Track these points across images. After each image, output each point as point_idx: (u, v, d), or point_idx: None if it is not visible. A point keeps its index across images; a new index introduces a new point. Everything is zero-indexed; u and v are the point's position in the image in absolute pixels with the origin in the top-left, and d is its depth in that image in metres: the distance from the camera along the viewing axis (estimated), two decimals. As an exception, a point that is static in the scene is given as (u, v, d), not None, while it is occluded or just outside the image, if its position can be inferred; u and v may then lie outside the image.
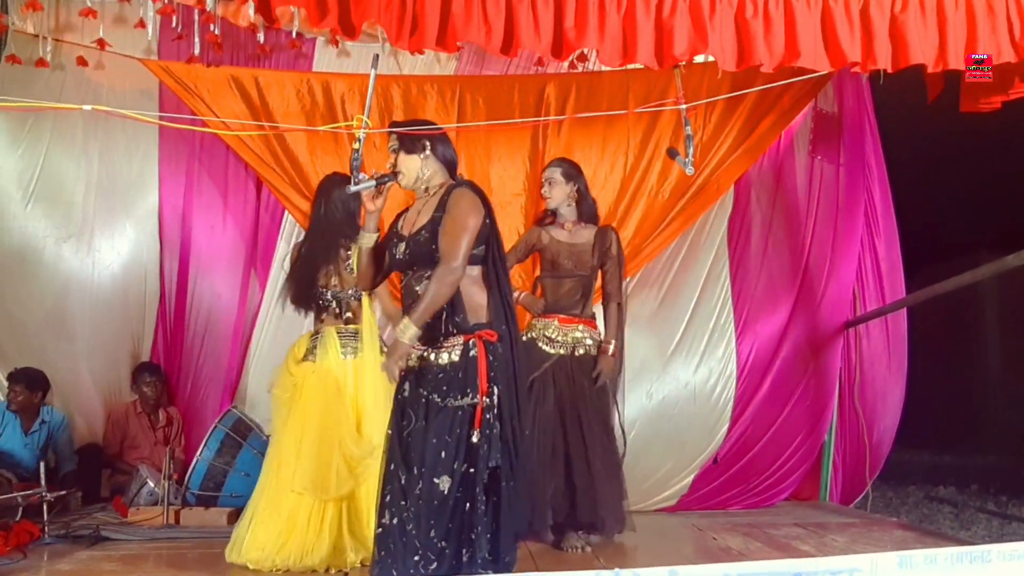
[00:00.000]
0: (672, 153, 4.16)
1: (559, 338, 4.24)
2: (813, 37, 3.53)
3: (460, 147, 5.05)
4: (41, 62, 5.14)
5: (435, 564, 2.91)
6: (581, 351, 4.24)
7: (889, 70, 3.64)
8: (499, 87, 5.33)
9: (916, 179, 5.58)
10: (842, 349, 5.51)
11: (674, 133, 5.19)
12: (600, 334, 4.29)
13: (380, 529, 3.02)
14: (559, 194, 4.29)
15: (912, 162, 5.57)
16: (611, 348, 4.22)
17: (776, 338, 5.48)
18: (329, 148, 5.21)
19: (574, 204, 4.32)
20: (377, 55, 3.52)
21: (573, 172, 4.34)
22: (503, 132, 5.29)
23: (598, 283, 4.38)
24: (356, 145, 3.23)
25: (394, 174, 3.21)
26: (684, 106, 4.06)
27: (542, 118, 5.20)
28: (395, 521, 2.97)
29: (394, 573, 2.93)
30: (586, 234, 4.33)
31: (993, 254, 4.61)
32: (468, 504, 2.94)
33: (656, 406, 5.41)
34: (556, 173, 4.30)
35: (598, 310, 4.38)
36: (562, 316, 4.28)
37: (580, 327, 4.28)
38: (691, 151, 3.95)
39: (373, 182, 3.19)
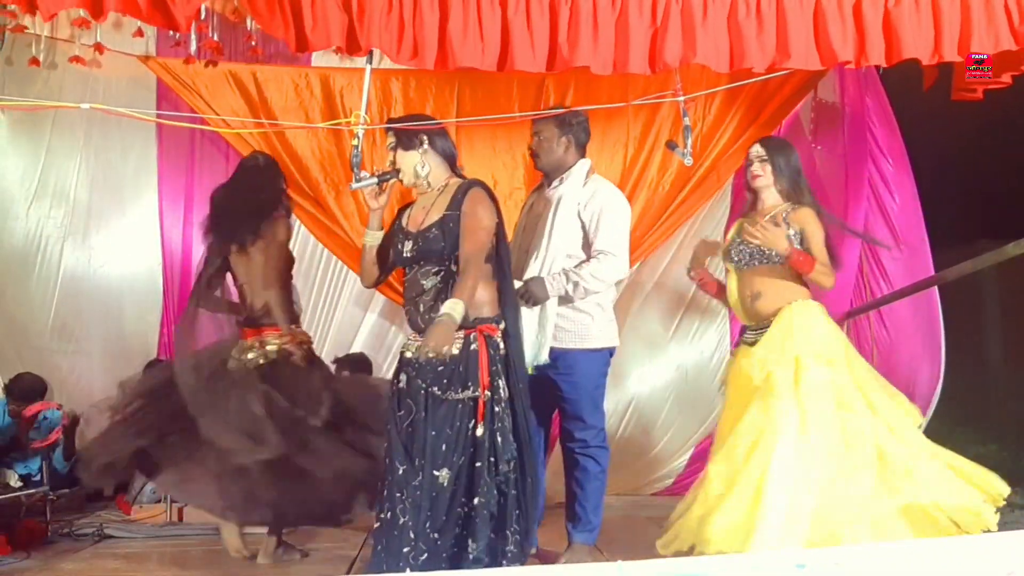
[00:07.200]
0: (671, 145, 4.15)
1: None
2: (804, 36, 3.50)
3: (460, 141, 5.05)
4: (34, 61, 5.11)
5: (425, 555, 2.92)
6: None
7: (884, 65, 3.63)
8: (499, 81, 5.31)
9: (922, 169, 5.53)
10: (851, 336, 5.47)
11: (674, 125, 5.18)
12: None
13: (378, 524, 3.03)
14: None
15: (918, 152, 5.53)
16: None
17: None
18: (329, 143, 5.21)
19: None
20: (372, 51, 3.50)
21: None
22: (503, 126, 5.28)
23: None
24: (355, 142, 3.23)
25: (395, 171, 3.21)
26: (682, 98, 4.05)
27: (541, 113, 5.17)
28: (390, 515, 2.97)
29: (385, 567, 2.94)
30: None
31: (993, 243, 4.59)
32: (475, 499, 2.94)
33: (648, 390, 5.55)
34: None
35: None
36: None
37: None
38: (690, 142, 3.94)
39: (375, 180, 3.19)
